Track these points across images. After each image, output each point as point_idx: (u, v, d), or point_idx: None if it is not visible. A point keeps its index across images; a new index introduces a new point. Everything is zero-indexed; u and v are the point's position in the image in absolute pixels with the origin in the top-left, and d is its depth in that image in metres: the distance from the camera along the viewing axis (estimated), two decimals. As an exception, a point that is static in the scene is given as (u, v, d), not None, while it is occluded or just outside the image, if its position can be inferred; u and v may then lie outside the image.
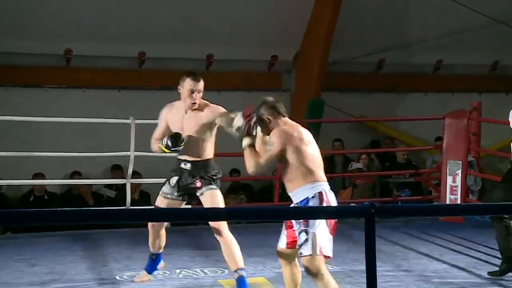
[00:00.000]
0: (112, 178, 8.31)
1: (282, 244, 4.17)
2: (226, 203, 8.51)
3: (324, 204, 3.91)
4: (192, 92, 4.63)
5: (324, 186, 4.00)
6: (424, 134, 9.75)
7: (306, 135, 4.11)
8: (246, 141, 4.17)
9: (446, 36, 9.70)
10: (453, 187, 7.50)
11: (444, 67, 10.11)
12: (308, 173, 3.97)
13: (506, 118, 5.42)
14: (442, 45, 9.83)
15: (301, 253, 3.96)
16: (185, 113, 4.79)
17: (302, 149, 4.01)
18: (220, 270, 5.59)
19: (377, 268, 5.60)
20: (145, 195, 8.32)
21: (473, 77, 10.22)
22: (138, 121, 6.96)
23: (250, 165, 4.11)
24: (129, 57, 9.17)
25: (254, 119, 4.14)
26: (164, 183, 5.01)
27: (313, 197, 3.93)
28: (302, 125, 4.19)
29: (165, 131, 4.87)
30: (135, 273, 5.47)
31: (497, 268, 5.40)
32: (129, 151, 6.94)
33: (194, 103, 4.67)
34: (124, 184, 7.11)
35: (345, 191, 8.77)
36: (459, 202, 7.27)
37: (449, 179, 7.52)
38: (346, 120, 9.76)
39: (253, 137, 4.17)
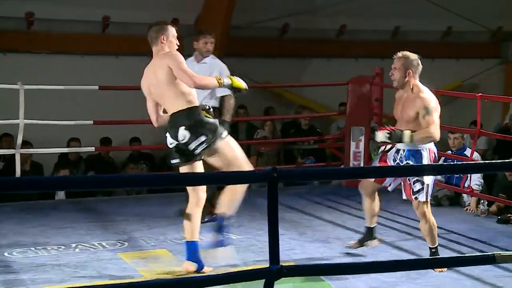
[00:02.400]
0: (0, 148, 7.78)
1: None
2: (125, 173, 8.25)
3: (432, 156, 4.74)
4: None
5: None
6: (328, 100, 9.73)
7: None
8: (407, 137, 4.64)
9: (349, 1, 9.65)
10: (356, 153, 7.52)
11: (347, 32, 10.09)
12: None
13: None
14: (345, 10, 9.79)
15: (416, 198, 4.72)
16: None
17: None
18: (120, 242, 5.39)
19: (281, 236, 5.50)
20: (37, 166, 7.88)
21: (375, 42, 10.26)
22: (27, 87, 6.51)
23: (430, 139, 4.67)
24: (15, 18, 8.54)
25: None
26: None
27: (423, 150, 4.71)
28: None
29: None
30: (26, 249, 5.16)
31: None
32: (18, 118, 6.49)
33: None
34: (13, 155, 6.65)
35: (249, 159, 8.62)
36: (362, 167, 7.30)
37: (353, 145, 7.54)
38: (250, 86, 9.54)
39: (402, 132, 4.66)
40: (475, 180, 6.63)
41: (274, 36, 9.87)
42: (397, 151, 4.82)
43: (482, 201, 6.47)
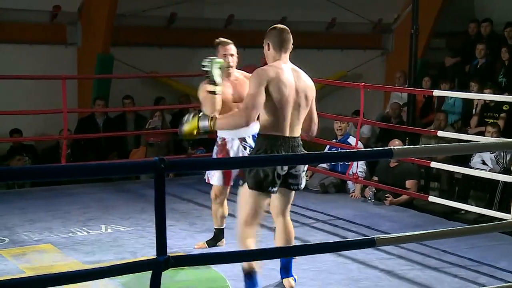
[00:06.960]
0: None
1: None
2: (7, 165, 7.86)
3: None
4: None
5: None
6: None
7: None
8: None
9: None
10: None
11: (235, 22, 10.11)
12: None
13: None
14: (233, 0, 9.80)
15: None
16: None
17: None
18: (-1, 239, 5.18)
19: (172, 227, 5.46)
20: None
21: (263, 32, 10.28)
22: None
23: None
24: None
25: None
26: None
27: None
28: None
29: None
30: None
31: None
32: None
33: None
34: None
35: (138, 150, 8.52)
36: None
37: (242, 134, 7.55)
38: (137, 76, 9.42)
39: None
40: (359, 168, 6.85)
41: (161, 25, 9.74)
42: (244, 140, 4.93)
43: (369, 187, 6.68)
